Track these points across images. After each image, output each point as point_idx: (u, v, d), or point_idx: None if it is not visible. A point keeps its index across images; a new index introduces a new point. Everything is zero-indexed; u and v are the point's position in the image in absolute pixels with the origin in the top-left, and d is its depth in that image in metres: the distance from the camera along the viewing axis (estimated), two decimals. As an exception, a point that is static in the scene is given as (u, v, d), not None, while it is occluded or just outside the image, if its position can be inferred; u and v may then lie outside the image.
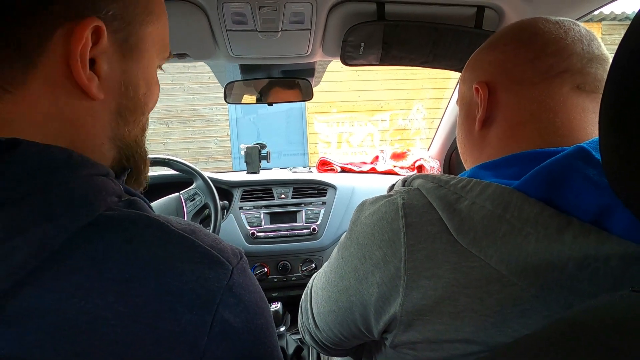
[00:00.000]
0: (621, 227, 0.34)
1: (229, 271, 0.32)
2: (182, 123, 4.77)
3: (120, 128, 0.38)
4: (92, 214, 0.30)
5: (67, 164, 0.30)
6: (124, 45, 0.36)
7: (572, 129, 0.44)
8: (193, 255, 0.31)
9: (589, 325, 0.26)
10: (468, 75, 0.53)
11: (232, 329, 0.31)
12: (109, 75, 0.35)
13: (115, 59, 0.35)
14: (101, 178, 0.33)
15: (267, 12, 0.79)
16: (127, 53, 0.36)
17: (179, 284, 0.29)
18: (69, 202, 0.29)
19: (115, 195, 0.33)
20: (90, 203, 0.30)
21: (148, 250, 0.30)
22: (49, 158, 0.29)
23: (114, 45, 0.35)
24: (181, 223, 0.34)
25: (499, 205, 0.37)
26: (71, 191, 0.29)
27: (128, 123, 0.39)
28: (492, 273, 0.36)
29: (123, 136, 0.39)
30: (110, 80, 0.35)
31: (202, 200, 1.24)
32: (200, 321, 0.29)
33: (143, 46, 0.38)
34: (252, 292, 0.35)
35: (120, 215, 0.31)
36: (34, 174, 0.28)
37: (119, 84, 0.36)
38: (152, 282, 0.29)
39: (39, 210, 0.27)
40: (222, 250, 0.33)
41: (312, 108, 4.78)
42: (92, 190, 0.31)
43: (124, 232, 0.30)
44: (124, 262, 0.29)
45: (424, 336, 0.40)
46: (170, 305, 0.29)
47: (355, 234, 0.47)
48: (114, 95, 0.36)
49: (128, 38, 0.36)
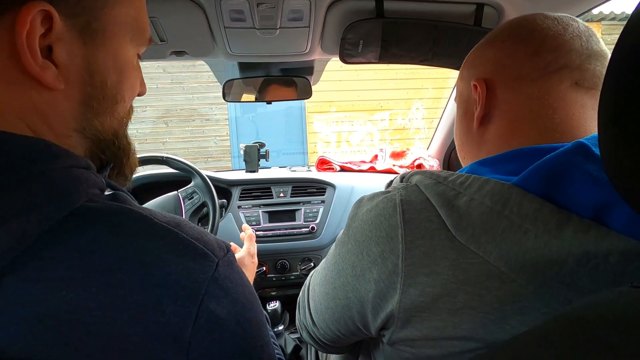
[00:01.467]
0: (621, 223, 0.33)
1: (214, 263, 0.32)
2: (182, 122, 4.77)
3: (88, 119, 0.36)
4: (72, 204, 0.29)
5: (45, 155, 0.30)
6: (86, 30, 0.33)
7: (571, 125, 0.44)
8: (177, 248, 0.31)
9: (588, 321, 0.26)
10: (466, 73, 0.53)
11: (219, 320, 0.31)
12: (69, 63, 0.33)
13: (76, 45, 0.33)
14: (81, 170, 0.32)
15: (265, 9, 0.79)
16: (89, 38, 0.34)
17: (164, 276, 0.29)
18: (49, 193, 0.28)
19: (97, 188, 0.33)
20: (70, 193, 0.29)
21: (132, 241, 0.30)
22: (27, 149, 0.29)
23: (72, 31, 0.33)
24: (166, 216, 0.33)
25: (498, 201, 0.37)
26: (51, 182, 0.29)
27: (98, 114, 0.36)
28: (491, 269, 0.36)
29: (94, 128, 0.37)
30: (71, 69, 0.33)
31: (200, 199, 1.24)
32: (185, 312, 0.29)
33: (109, 30, 0.35)
34: (239, 285, 0.34)
35: (103, 207, 0.31)
36: (12, 164, 0.28)
37: (81, 72, 0.34)
38: (136, 273, 0.29)
39: (19, 201, 0.27)
40: (207, 243, 0.33)
41: (311, 107, 4.78)
42: (72, 181, 0.30)
43: (107, 223, 0.30)
44: (107, 253, 0.28)
45: (421, 333, 0.40)
46: (154, 296, 0.29)
47: (352, 230, 0.47)
48: (77, 85, 0.34)
49: (90, 22, 0.34)
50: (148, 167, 1.34)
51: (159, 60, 1.06)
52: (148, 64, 4.03)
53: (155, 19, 0.81)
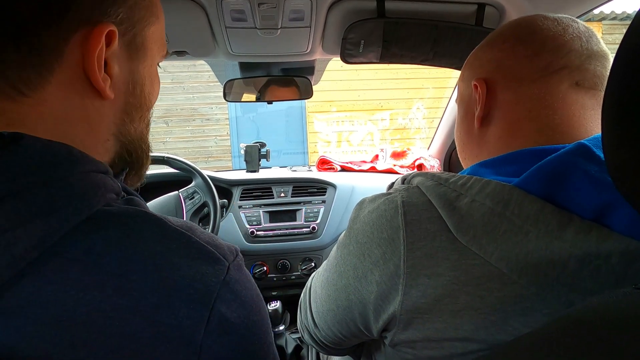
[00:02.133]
0: (622, 224, 0.33)
1: (226, 267, 0.33)
2: (182, 122, 4.77)
3: (126, 125, 0.39)
4: (91, 208, 0.30)
5: (67, 160, 0.31)
6: (131, 46, 0.37)
7: (572, 126, 0.44)
8: (190, 251, 0.32)
9: (591, 322, 0.25)
10: (467, 73, 0.53)
11: (229, 323, 0.32)
12: (119, 75, 0.36)
13: (124, 59, 0.37)
14: (100, 175, 0.33)
15: (266, 9, 0.79)
16: (134, 53, 0.38)
17: (177, 278, 0.30)
18: (69, 197, 0.29)
19: (114, 193, 0.34)
20: (89, 198, 0.30)
21: (146, 244, 0.30)
22: (50, 153, 0.30)
23: (122, 47, 0.36)
24: (179, 220, 0.34)
25: (499, 202, 0.37)
26: (71, 186, 0.30)
27: (134, 120, 0.40)
28: (493, 271, 0.36)
29: (128, 132, 0.40)
30: (119, 80, 0.37)
31: (201, 199, 1.24)
32: (198, 315, 0.30)
33: (147, 46, 0.39)
34: (248, 288, 0.35)
35: (118, 211, 0.32)
36: (36, 168, 0.29)
37: (127, 83, 0.38)
38: (149, 276, 0.29)
39: (40, 204, 0.28)
40: (218, 247, 0.34)
41: (312, 107, 4.78)
42: (91, 186, 0.31)
43: (122, 226, 0.30)
44: (122, 256, 0.29)
45: (423, 335, 0.40)
46: (167, 299, 0.29)
47: (354, 232, 0.47)
48: (122, 94, 0.37)
49: (134, 39, 0.37)
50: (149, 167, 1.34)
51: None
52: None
53: None
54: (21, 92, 0.31)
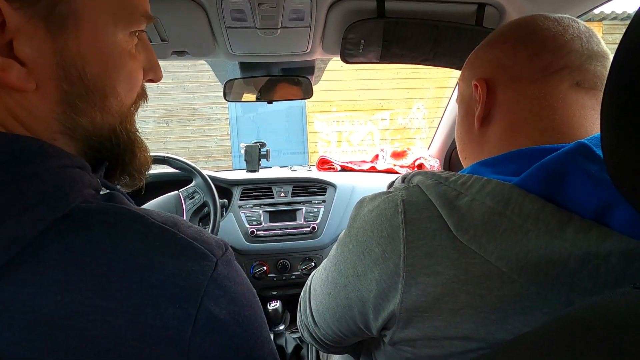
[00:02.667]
0: (622, 224, 0.33)
1: (213, 263, 0.31)
2: (182, 122, 4.77)
3: (73, 119, 0.32)
4: (66, 205, 0.28)
5: (38, 155, 0.28)
6: (50, 17, 0.29)
7: (572, 126, 0.44)
8: (175, 248, 0.30)
9: (591, 322, 0.25)
10: (467, 73, 0.53)
11: (218, 321, 0.30)
12: (36, 58, 0.29)
13: (41, 36, 0.29)
14: (76, 170, 0.31)
15: (266, 9, 0.79)
16: (56, 27, 0.29)
17: (161, 277, 0.28)
18: (42, 193, 0.27)
19: (92, 188, 0.32)
20: (64, 194, 0.28)
21: (127, 243, 0.29)
22: (19, 148, 0.28)
23: (34, 20, 0.28)
24: (162, 216, 0.32)
25: (499, 201, 0.37)
26: (44, 182, 0.28)
27: (83, 111, 0.33)
28: (493, 270, 0.36)
29: (82, 127, 0.33)
30: (40, 65, 0.29)
31: (201, 199, 1.24)
32: (184, 314, 0.29)
33: (82, 13, 0.30)
34: (238, 283, 0.33)
35: (97, 208, 0.30)
36: (3, 164, 0.27)
37: (53, 68, 0.30)
38: (132, 276, 0.28)
39: (11, 202, 0.26)
40: (205, 242, 0.32)
41: (312, 107, 4.77)
42: (66, 181, 0.29)
43: (101, 224, 0.29)
44: (102, 255, 0.28)
45: (422, 333, 0.40)
46: (152, 299, 0.28)
47: (354, 230, 0.47)
48: (51, 82, 0.30)
49: (53, 9, 0.29)
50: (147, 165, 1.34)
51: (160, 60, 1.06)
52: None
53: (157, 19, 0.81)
54: None
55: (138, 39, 0.36)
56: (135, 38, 0.36)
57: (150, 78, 0.40)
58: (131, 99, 0.37)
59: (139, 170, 0.41)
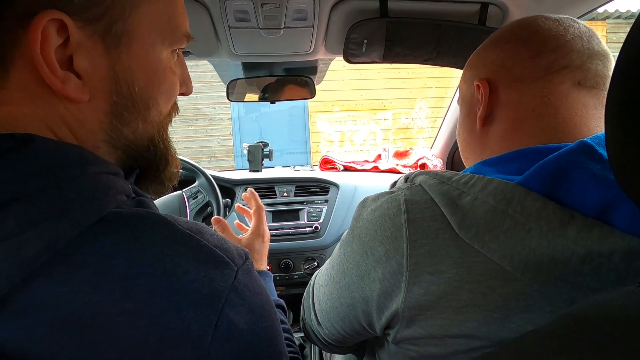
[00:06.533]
0: (625, 222, 0.33)
1: (234, 272, 0.32)
2: (185, 122, 4.78)
3: (118, 129, 0.35)
4: (102, 211, 0.29)
5: (78, 161, 0.30)
6: (108, 35, 0.31)
7: (574, 125, 0.44)
8: (199, 255, 0.31)
9: (595, 321, 0.26)
10: (469, 74, 0.53)
11: (237, 329, 0.31)
12: (92, 72, 0.31)
13: (98, 52, 0.31)
14: (111, 176, 0.32)
15: (269, 9, 0.79)
16: (113, 44, 0.32)
17: (185, 282, 0.29)
18: (80, 199, 0.28)
19: (125, 194, 0.33)
20: (100, 200, 0.30)
21: (154, 247, 0.30)
22: (62, 154, 0.29)
23: (93, 37, 0.31)
24: (188, 222, 0.33)
25: (502, 200, 0.37)
26: (82, 188, 0.29)
27: (129, 122, 0.35)
28: (495, 268, 0.36)
29: (124, 137, 0.36)
30: (94, 78, 0.32)
31: (204, 198, 1.24)
32: (206, 320, 0.29)
33: (134, 33, 0.33)
34: (257, 294, 0.34)
35: (128, 213, 0.31)
36: (47, 170, 0.28)
37: (106, 81, 0.33)
38: (158, 279, 0.29)
39: (52, 206, 0.27)
40: (227, 251, 0.33)
41: (314, 106, 4.78)
42: (102, 187, 0.31)
43: (132, 229, 0.30)
44: (130, 259, 0.28)
45: (426, 332, 0.40)
46: (175, 303, 0.29)
47: (357, 230, 0.47)
48: (103, 94, 0.33)
49: (111, 27, 0.31)
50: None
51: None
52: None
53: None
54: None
55: (177, 56, 0.40)
56: (175, 55, 0.39)
57: (182, 91, 0.43)
58: (167, 110, 0.40)
59: (170, 178, 0.43)
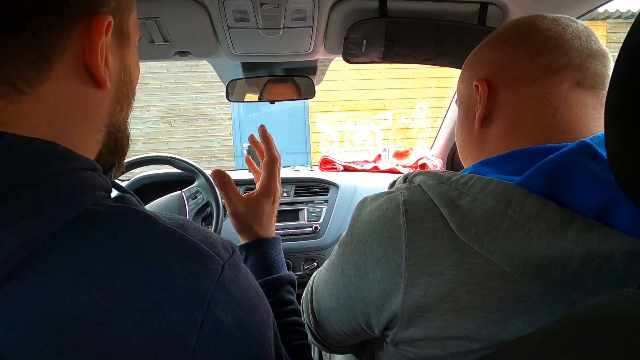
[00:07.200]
0: (624, 223, 0.33)
1: (220, 266, 0.31)
2: (185, 122, 4.78)
3: (116, 114, 0.39)
4: (79, 207, 0.29)
5: (52, 158, 0.29)
6: (119, 34, 0.37)
7: (573, 125, 0.44)
8: (182, 250, 0.30)
9: (595, 322, 0.25)
10: (467, 74, 0.53)
11: (224, 326, 0.30)
12: (113, 65, 0.36)
13: (115, 48, 0.36)
14: (88, 172, 0.32)
15: (268, 9, 0.79)
16: (122, 42, 0.37)
17: (168, 280, 0.28)
18: (56, 196, 0.28)
19: (103, 190, 0.33)
20: (77, 196, 0.29)
21: (135, 245, 0.29)
22: (33, 151, 0.28)
23: (113, 36, 0.36)
24: (170, 217, 0.33)
25: (501, 201, 0.37)
26: (58, 184, 0.28)
27: (123, 108, 0.40)
28: (494, 269, 0.36)
29: (117, 121, 0.39)
30: (114, 70, 0.36)
31: (204, 199, 1.24)
32: (191, 319, 0.29)
33: (130, 33, 0.39)
34: (244, 287, 0.34)
35: (107, 210, 0.30)
36: (19, 167, 0.27)
37: (119, 72, 0.37)
38: (139, 278, 0.28)
39: (25, 204, 0.26)
40: (212, 245, 0.32)
41: (314, 107, 4.78)
42: (79, 183, 0.30)
43: (110, 226, 0.29)
44: (110, 257, 0.28)
45: (425, 333, 0.40)
46: (158, 302, 0.28)
47: (356, 230, 0.47)
48: (115, 84, 0.37)
49: (122, 28, 0.37)
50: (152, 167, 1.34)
51: (163, 60, 1.06)
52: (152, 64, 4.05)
53: (159, 20, 0.82)
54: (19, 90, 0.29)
55: None
56: None
57: None
58: None
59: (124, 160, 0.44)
